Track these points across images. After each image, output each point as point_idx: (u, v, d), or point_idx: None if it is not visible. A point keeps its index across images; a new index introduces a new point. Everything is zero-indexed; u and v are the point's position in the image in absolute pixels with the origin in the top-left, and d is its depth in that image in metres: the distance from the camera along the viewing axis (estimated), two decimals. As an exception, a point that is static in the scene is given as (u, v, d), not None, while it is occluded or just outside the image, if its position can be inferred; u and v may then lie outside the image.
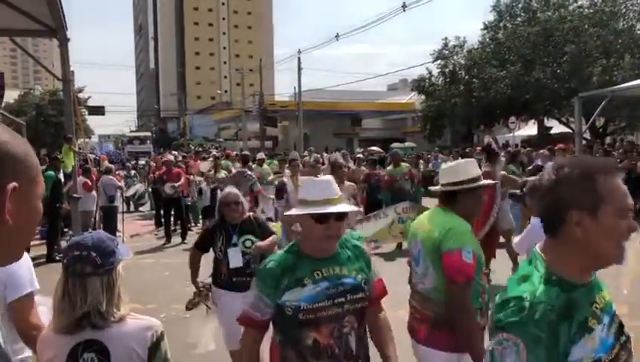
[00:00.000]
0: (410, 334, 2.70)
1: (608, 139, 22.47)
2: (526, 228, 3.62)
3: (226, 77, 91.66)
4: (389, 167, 10.36)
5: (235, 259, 3.83)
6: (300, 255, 2.04)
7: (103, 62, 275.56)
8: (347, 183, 6.38)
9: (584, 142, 16.33)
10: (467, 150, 16.61)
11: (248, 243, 3.88)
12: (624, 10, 23.69)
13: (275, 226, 7.18)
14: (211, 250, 4.04)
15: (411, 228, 2.80)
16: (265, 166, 12.08)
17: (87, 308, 1.70)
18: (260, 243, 3.89)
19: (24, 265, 2.10)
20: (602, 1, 24.02)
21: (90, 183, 9.93)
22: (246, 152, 13.88)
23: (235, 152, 18.99)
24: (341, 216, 1.98)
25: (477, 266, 2.48)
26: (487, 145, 7.09)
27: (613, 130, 23.61)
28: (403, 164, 10.45)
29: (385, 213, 9.15)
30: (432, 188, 3.02)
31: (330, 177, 2.11)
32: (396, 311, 3.10)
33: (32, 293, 2.09)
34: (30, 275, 2.12)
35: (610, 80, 19.10)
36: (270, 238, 3.99)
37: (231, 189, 4.05)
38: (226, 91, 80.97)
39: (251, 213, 4.21)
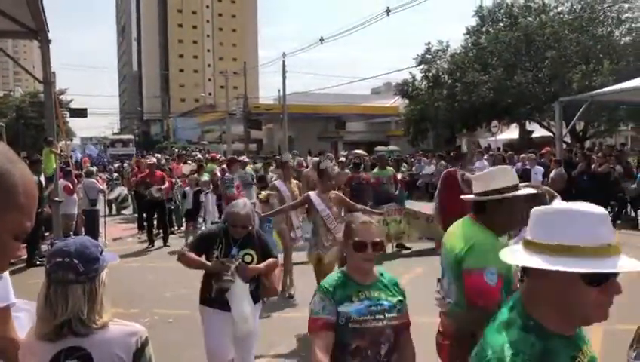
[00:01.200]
0: (436, 349, 2.54)
1: (588, 143, 22.83)
2: (518, 236, 3.63)
3: (210, 79, 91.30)
4: (375, 170, 10.48)
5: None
6: (548, 334, 1.26)
7: (85, 64, 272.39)
8: (333, 193, 5.66)
9: (564, 145, 16.61)
10: (451, 154, 16.73)
11: (248, 258, 3.58)
12: (602, 17, 24.12)
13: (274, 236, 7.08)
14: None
15: (444, 236, 2.60)
16: (248, 168, 12.25)
17: (67, 315, 1.67)
18: (249, 267, 3.56)
19: None
20: (581, 7, 24.45)
21: (71, 186, 9.81)
22: (234, 156, 14.00)
23: (219, 155, 19.03)
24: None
25: (504, 286, 2.25)
26: (457, 147, 7.18)
27: (592, 134, 24.00)
28: (388, 167, 10.62)
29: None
30: (464, 197, 2.63)
31: (601, 209, 1.27)
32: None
33: (7, 307, 2.05)
34: (5, 289, 2.07)
35: (589, 85, 19.43)
36: (265, 263, 3.63)
37: (243, 208, 3.60)
38: (210, 94, 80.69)
39: (257, 229, 3.92)
